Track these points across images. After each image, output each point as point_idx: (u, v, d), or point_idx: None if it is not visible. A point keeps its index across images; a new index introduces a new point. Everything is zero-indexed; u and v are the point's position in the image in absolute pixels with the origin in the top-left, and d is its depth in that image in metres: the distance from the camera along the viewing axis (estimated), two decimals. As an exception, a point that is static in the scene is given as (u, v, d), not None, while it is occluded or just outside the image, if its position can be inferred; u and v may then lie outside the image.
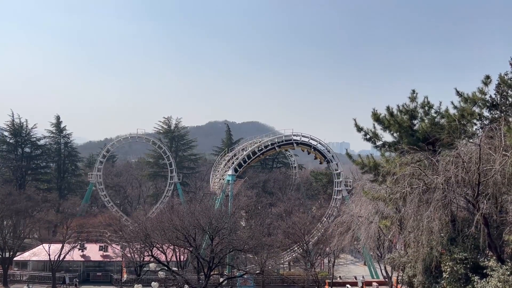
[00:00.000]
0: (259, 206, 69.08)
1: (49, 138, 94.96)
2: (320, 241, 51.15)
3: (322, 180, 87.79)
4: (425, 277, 21.11)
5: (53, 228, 66.72)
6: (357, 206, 33.90)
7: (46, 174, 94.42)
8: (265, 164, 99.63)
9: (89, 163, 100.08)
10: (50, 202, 71.86)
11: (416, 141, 23.88)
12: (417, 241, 21.06)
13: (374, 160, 26.10)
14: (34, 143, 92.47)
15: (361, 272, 56.87)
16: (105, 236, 59.11)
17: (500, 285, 16.87)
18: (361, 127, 26.61)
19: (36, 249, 57.93)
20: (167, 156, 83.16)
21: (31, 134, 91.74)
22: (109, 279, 54.28)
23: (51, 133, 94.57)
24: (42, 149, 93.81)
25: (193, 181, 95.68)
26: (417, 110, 25.02)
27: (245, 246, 39.67)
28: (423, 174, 20.31)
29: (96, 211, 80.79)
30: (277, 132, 76.08)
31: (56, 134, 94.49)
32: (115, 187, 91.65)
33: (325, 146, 64.33)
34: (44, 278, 53.45)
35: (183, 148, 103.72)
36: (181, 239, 38.64)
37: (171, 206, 63.51)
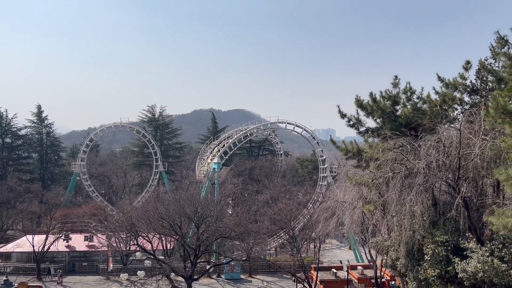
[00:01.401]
0: (245, 193, 69.24)
1: (30, 128, 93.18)
2: (306, 227, 51.64)
3: (308, 166, 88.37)
4: (408, 260, 21.48)
5: (37, 219, 65.83)
6: (342, 191, 34.17)
7: (28, 164, 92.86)
8: (251, 151, 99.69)
9: (73, 153, 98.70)
10: (33, 193, 70.84)
11: (399, 126, 24.08)
12: (400, 225, 21.38)
13: (358, 146, 26.27)
14: (15, 133, 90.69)
15: (346, 256, 57.69)
16: (90, 226, 58.62)
17: (479, 266, 17.26)
18: (345, 114, 26.70)
19: (20, 240, 57.17)
20: (151, 145, 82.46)
21: (12, 124, 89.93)
22: (95, 269, 54.00)
23: (32, 123, 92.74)
24: (24, 139, 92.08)
25: (179, 170, 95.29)
26: (399, 96, 25.17)
27: (231, 233, 39.83)
28: (405, 159, 20.53)
29: (81, 201, 79.96)
30: (263, 120, 76.09)
31: (38, 124, 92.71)
32: (99, 177, 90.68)
33: (310, 133, 64.65)
34: (29, 269, 52.91)
35: (168, 137, 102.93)
36: (167, 227, 38.58)
37: (156, 195, 63.33)
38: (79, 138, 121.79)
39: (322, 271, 44.64)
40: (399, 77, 25.47)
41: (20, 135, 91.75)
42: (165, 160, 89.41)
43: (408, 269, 21.50)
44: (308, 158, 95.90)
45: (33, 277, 50.74)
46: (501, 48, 20.78)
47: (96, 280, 50.52)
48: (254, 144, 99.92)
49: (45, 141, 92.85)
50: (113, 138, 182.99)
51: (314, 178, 78.13)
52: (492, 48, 23.53)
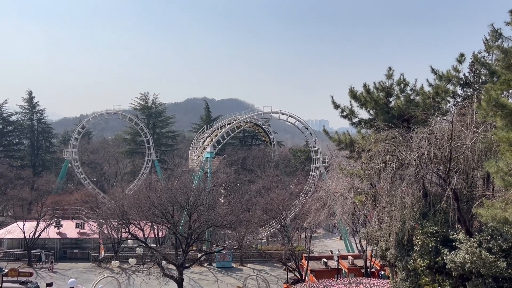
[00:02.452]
0: (238, 183, 69.34)
1: (21, 114, 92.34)
2: (298, 217, 51.96)
3: (301, 157, 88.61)
4: (397, 250, 21.71)
5: (28, 206, 65.56)
6: (334, 182, 34.38)
7: (19, 151, 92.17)
8: (244, 141, 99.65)
9: (64, 139, 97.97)
10: (24, 180, 70.40)
11: (392, 118, 24.12)
12: (390, 215, 21.57)
13: (350, 136, 26.31)
14: (5, 119, 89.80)
15: (337, 246, 58.30)
16: (82, 214, 58.50)
17: (468, 257, 17.49)
18: (338, 104, 26.66)
19: (10, 226, 56.94)
20: (144, 133, 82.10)
21: (2, 110, 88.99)
22: (86, 256, 54.01)
23: (23, 109, 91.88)
24: (14, 125, 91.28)
25: (171, 158, 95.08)
26: (393, 87, 25.16)
27: (223, 222, 39.90)
28: (397, 151, 20.63)
29: (72, 188, 79.61)
30: (256, 109, 76.02)
31: (29, 110, 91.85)
32: (91, 164, 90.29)
33: (303, 123, 64.67)
34: (19, 255, 52.77)
35: (161, 125, 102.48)
36: (158, 216, 38.55)
37: (148, 183, 63.20)
38: (71, 125, 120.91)
39: (313, 261, 45.07)
40: (393, 69, 25.47)
41: (11, 121, 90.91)
42: (158, 148, 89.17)
43: (397, 259, 21.74)
44: (301, 148, 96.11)
45: (24, 264, 50.66)
46: (494, 41, 20.76)
47: (88, 267, 50.56)
48: (247, 134, 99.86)
49: (36, 127, 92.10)
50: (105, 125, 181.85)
51: (306, 168, 78.43)
52: (486, 41, 23.60)
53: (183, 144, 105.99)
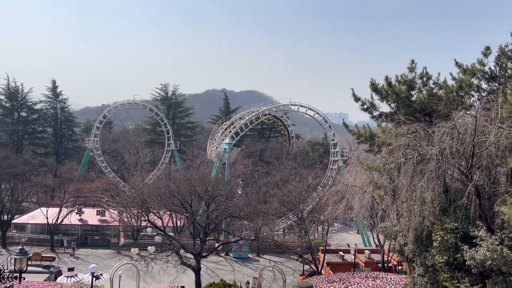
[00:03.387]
0: (255, 174, 69.59)
1: (45, 102, 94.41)
2: (315, 210, 51.91)
3: (319, 150, 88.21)
4: (416, 246, 21.50)
5: (51, 192, 67.20)
6: (352, 176, 34.12)
7: (43, 138, 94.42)
8: (262, 133, 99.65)
9: (86, 128, 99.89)
10: (47, 167, 72.17)
11: (413, 112, 23.72)
12: (409, 211, 21.33)
13: (370, 130, 25.99)
14: (30, 107, 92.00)
15: (354, 240, 58.10)
16: (103, 201, 59.74)
17: (488, 254, 17.22)
18: (359, 97, 26.32)
19: (34, 212, 58.63)
20: (164, 123, 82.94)
21: (27, 98, 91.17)
22: (106, 242, 55.24)
23: (47, 98, 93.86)
24: (39, 114, 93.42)
25: (190, 149, 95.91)
26: (415, 80, 24.69)
27: (240, 213, 40.16)
28: (418, 145, 20.32)
29: (94, 176, 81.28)
30: (275, 102, 75.82)
31: (52, 99, 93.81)
32: (112, 153, 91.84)
33: (322, 116, 64.27)
34: (42, 240, 54.38)
35: (180, 116, 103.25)
36: (177, 205, 39.04)
37: (168, 173, 63.92)
38: (93, 114, 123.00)
39: (329, 254, 45.05)
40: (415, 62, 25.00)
41: (35, 110, 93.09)
42: (177, 139, 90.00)
43: (415, 255, 21.54)
44: (319, 141, 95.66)
45: (47, 248, 52.16)
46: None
47: (107, 254, 51.74)
48: (265, 126, 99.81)
49: (59, 116, 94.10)
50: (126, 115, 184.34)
51: (324, 161, 78.09)
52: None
53: (202, 135, 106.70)
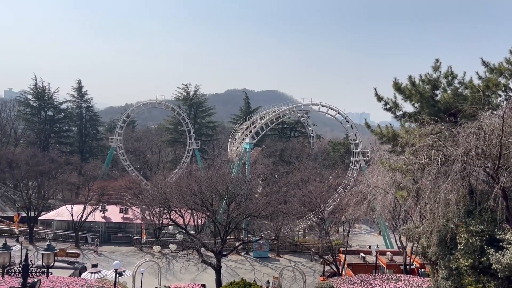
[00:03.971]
0: (275, 174, 69.54)
1: (71, 102, 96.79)
2: (336, 210, 51.52)
3: (340, 150, 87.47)
4: (440, 248, 21.12)
5: (76, 190, 68.85)
6: (374, 176, 33.73)
7: (68, 137, 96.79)
8: (282, 133, 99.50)
9: (110, 127, 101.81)
10: (72, 165, 73.93)
11: (438, 112, 23.31)
12: (433, 212, 20.95)
13: (393, 130, 25.69)
14: (56, 106, 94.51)
15: (375, 241, 57.33)
16: (126, 199, 60.77)
17: (515, 258, 16.77)
18: (382, 97, 26.04)
19: (60, 209, 60.13)
20: (186, 122, 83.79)
21: (54, 98, 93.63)
22: (129, 240, 56.19)
23: (73, 97, 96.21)
24: (65, 113, 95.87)
25: (211, 148, 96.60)
26: (440, 80, 24.26)
27: (261, 213, 40.22)
28: (443, 146, 19.95)
29: (117, 174, 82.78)
30: (296, 101, 75.58)
31: (78, 99, 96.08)
32: (135, 152, 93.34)
33: (344, 116, 63.73)
34: (67, 237, 55.72)
35: (202, 115, 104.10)
36: (198, 203, 39.39)
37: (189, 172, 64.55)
38: (117, 113, 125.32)
39: (350, 255, 44.66)
40: (440, 61, 24.57)
41: (61, 109, 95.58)
42: (198, 138, 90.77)
43: (439, 258, 21.16)
44: (340, 141, 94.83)
45: (72, 245, 53.40)
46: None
47: (130, 251, 52.63)
48: (286, 125, 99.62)
49: (84, 115, 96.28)
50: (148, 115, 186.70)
51: (346, 162, 77.38)
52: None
53: (222, 134, 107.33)
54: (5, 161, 63.56)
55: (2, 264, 15.56)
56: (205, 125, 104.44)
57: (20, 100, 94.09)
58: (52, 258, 15.77)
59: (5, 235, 53.81)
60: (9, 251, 15.92)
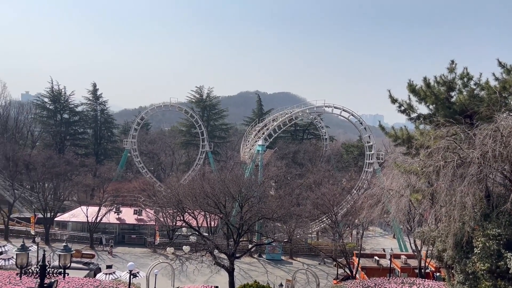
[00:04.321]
0: (288, 176, 69.39)
1: (86, 105, 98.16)
2: (349, 213, 51.17)
3: (354, 152, 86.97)
4: (456, 252, 20.81)
5: (91, 192, 69.68)
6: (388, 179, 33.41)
7: (83, 139, 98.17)
8: (295, 135, 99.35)
9: (124, 130, 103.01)
10: (87, 167, 74.88)
11: (453, 113, 23.01)
12: (449, 215, 20.67)
13: (408, 132, 25.42)
14: (72, 109, 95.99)
15: (389, 245, 56.75)
16: (139, 201, 61.29)
17: (534, 263, 16.45)
18: (396, 99, 25.81)
19: (75, 210, 60.92)
20: (199, 125, 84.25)
21: (69, 101, 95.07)
22: (143, 241, 56.64)
23: (88, 100, 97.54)
24: (80, 116, 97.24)
25: (224, 150, 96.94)
26: (455, 81, 23.93)
27: (273, 215, 40.18)
28: (459, 148, 19.70)
29: (131, 176, 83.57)
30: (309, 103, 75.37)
31: (93, 101, 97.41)
32: (149, 154, 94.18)
33: (357, 117, 63.38)
34: (82, 238, 56.41)
35: (215, 118, 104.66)
36: (211, 205, 39.53)
37: (202, 174, 64.85)
38: (131, 116, 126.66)
39: (364, 258, 44.31)
40: (455, 62, 24.26)
41: (77, 112, 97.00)
42: (211, 140, 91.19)
43: (455, 261, 20.85)
44: (354, 143, 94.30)
45: (86, 246, 54.03)
46: None
47: (144, 252, 53.04)
48: (298, 127, 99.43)
49: (99, 118, 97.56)
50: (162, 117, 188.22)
51: (359, 164, 76.86)
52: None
53: (235, 136, 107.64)
54: (22, 163, 64.65)
55: (20, 264, 15.86)
56: (218, 127, 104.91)
57: (37, 103, 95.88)
58: (69, 259, 15.99)
59: (22, 236, 54.83)
60: (27, 252, 16.22)
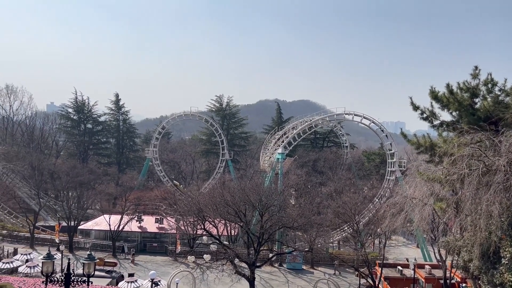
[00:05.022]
0: (309, 185, 68.95)
1: (109, 115, 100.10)
2: (371, 222, 50.38)
3: (375, 160, 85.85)
4: (482, 262, 20.27)
5: (113, 200, 70.68)
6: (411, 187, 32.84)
7: (106, 149, 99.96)
8: (315, 143, 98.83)
9: (146, 139, 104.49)
10: (110, 176, 76.15)
11: (477, 120, 22.57)
12: (474, 225, 20.17)
13: (431, 140, 25.04)
14: (95, 119, 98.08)
15: (413, 254, 55.58)
16: (161, 209, 61.78)
17: None
18: (418, 106, 25.51)
19: (98, 219, 61.82)
20: (219, 133, 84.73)
21: (93, 111, 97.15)
22: (164, 250, 56.97)
23: (111, 110, 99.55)
24: (103, 125, 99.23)
25: (244, 159, 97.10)
26: (479, 87, 23.52)
27: (294, 224, 39.95)
28: (484, 155, 19.26)
29: (152, 185, 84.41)
30: (328, 111, 74.98)
31: (115, 111, 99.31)
32: (170, 163, 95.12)
33: (378, 125, 62.67)
34: (105, 246, 57.12)
35: (234, 126, 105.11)
36: (232, 214, 39.58)
37: (222, 182, 65.07)
38: (152, 125, 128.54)
39: (387, 268, 43.50)
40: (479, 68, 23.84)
41: (100, 122, 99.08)
42: (231, 149, 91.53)
43: (482, 272, 20.29)
44: (375, 151, 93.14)
45: (109, 254, 54.69)
46: None
47: (165, 261, 53.35)
48: (318, 135, 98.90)
49: (121, 127, 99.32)
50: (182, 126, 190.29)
51: (381, 172, 75.81)
52: None
53: (255, 145, 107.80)
54: (47, 172, 66.26)
55: (46, 272, 16.19)
56: (238, 135, 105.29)
57: (61, 114, 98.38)
58: (93, 268, 16.26)
59: (47, 244, 56.03)
60: (53, 260, 16.56)
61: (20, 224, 64.66)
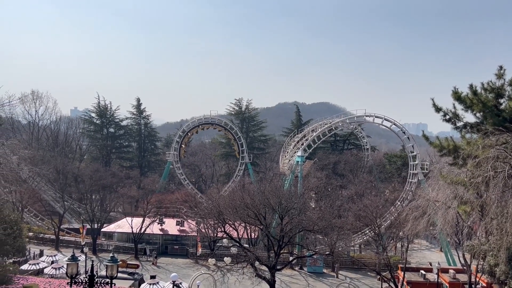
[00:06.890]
0: (329, 187, 68.43)
1: (130, 119, 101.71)
2: (393, 225, 49.64)
3: (397, 162, 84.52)
4: (509, 267, 19.78)
5: (135, 203, 71.70)
6: (434, 190, 32.27)
7: (128, 152, 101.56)
8: (335, 145, 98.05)
9: (167, 143, 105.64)
10: (132, 179, 77.21)
11: (502, 121, 22.04)
12: (500, 228, 19.70)
13: (454, 142, 24.56)
14: (117, 123, 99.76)
15: (436, 258, 54.49)
16: (182, 212, 62.36)
17: None
18: (440, 107, 25.07)
19: (120, 221, 62.86)
20: (238, 136, 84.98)
21: (115, 115, 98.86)
22: (185, 252, 57.46)
23: (132, 115, 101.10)
24: (125, 130, 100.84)
25: (263, 162, 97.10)
26: (504, 88, 22.97)
27: (314, 227, 39.72)
28: (510, 157, 18.81)
29: (174, 188, 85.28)
30: (349, 113, 74.38)
31: (137, 116, 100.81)
32: (190, 166, 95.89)
33: (400, 127, 61.81)
34: (128, 248, 57.96)
35: (254, 129, 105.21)
36: (252, 217, 39.65)
37: (242, 185, 65.31)
38: (173, 129, 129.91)
39: (410, 272, 42.78)
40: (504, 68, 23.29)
41: (122, 126, 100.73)
42: (250, 151, 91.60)
43: (509, 277, 19.80)
44: (396, 153, 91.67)
45: (131, 256, 55.48)
46: None
47: (186, 263, 53.79)
48: (338, 138, 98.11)
49: (143, 131, 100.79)
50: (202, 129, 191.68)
51: (403, 175, 74.62)
52: None
53: (274, 147, 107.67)
54: (71, 176, 67.69)
55: (71, 274, 16.58)
56: (257, 138, 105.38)
57: (85, 118, 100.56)
58: (116, 270, 16.55)
59: (71, 246, 57.29)
60: (77, 262, 16.95)
61: (46, 226, 66.31)
